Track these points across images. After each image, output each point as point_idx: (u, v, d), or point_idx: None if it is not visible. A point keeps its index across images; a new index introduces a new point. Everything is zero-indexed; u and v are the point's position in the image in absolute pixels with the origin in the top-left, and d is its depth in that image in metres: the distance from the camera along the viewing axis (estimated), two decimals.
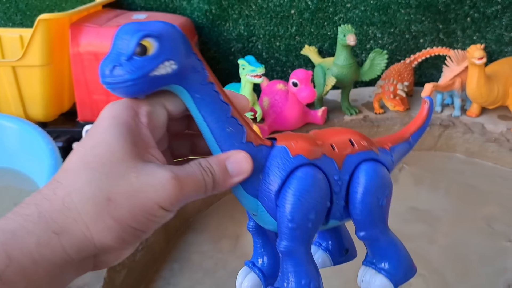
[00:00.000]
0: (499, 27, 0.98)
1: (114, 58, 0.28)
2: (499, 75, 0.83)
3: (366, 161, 0.33)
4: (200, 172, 0.28)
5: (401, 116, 0.92)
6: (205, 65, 0.30)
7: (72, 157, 0.27)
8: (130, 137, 0.27)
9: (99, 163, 0.26)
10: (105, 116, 0.28)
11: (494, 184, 0.86)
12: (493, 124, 0.88)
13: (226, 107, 0.30)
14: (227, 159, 0.29)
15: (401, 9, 0.98)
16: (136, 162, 0.26)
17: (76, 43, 0.87)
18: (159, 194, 0.26)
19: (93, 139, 0.27)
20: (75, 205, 0.25)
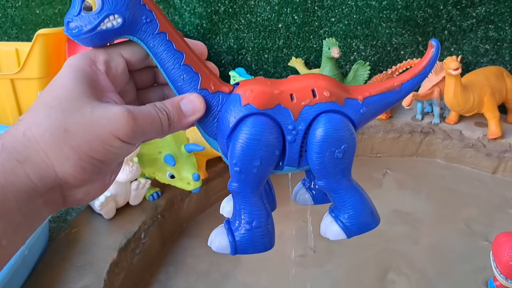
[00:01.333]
0: (475, 39, 1.04)
1: (69, 14, 0.31)
2: (475, 84, 0.88)
3: (325, 112, 0.32)
4: (154, 110, 0.30)
5: (383, 124, 0.96)
6: (157, 15, 0.31)
7: (35, 101, 0.29)
8: (86, 80, 0.29)
9: (55, 101, 0.27)
10: (65, 65, 0.30)
11: (472, 187, 0.91)
12: (470, 131, 0.93)
13: (179, 55, 0.31)
14: (181, 100, 0.31)
15: (383, 23, 1.03)
16: (92, 100, 0.28)
17: None
18: (113, 124, 0.28)
19: (52, 85, 0.29)
20: (34, 136, 0.27)
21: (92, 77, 0.29)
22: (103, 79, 0.30)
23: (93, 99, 0.28)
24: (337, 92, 0.33)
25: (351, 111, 0.34)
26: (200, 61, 0.33)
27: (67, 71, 0.29)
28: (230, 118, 0.32)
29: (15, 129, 0.27)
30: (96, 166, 0.28)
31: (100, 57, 0.30)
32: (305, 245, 0.78)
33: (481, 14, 1.01)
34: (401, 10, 1.02)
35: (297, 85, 0.33)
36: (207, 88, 0.32)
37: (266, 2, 1.04)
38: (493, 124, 0.89)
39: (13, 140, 0.27)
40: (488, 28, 1.02)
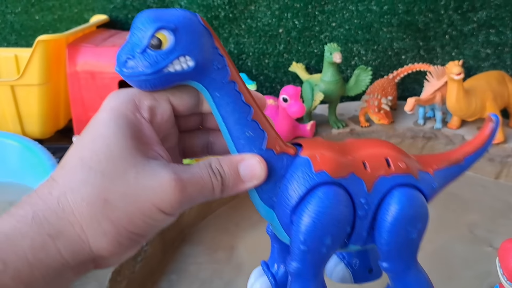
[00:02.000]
0: (476, 44, 1.04)
1: (129, 49, 0.26)
2: (477, 89, 0.88)
3: (401, 186, 0.29)
4: (207, 174, 0.26)
5: (385, 129, 0.96)
6: (228, 61, 0.27)
7: (69, 152, 0.26)
8: (129, 131, 0.25)
9: (95, 159, 0.24)
10: (104, 108, 0.26)
11: (475, 193, 0.90)
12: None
13: (247, 109, 0.28)
14: (241, 161, 0.27)
15: (383, 27, 1.03)
16: (136, 159, 0.25)
17: (73, 62, 0.90)
18: (158, 196, 0.24)
19: (90, 133, 0.26)
20: (70, 205, 0.24)
21: (136, 127, 0.26)
22: (148, 128, 0.26)
23: (138, 156, 0.25)
24: (411, 164, 0.30)
25: (425, 186, 0.31)
26: (265, 116, 0.29)
27: (108, 116, 0.26)
28: (299, 186, 0.28)
29: (48, 192, 0.24)
30: (134, 240, 0.25)
31: (145, 102, 0.27)
32: None
33: (482, 18, 1.01)
34: (402, 15, 1.01)
35: (368, 152, 0.30)
36: (272, 149, 0.28)
37: (266, 7, 1.04)
38: None
39: (46, 208, 0.24)
40: (489, 33, 1.02)
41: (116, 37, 0.98)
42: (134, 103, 0.27)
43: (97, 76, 0.91)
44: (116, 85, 0.90)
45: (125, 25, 1.10)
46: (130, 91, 0.27)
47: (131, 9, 1.09)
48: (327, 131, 0.96)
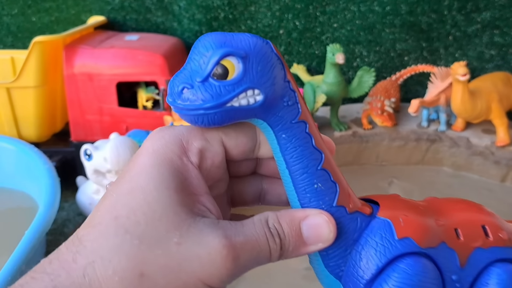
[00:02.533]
0: (480, 45, 1.02)
1: (186, 76, 0.22)
2: (482, 90, 0.86)
3: (502, 262, 0.24)
4: (264, 236, 0.22)
5: (389, 132, 0.94)
6: (299, 97, 0.23)
7: (101, 205, 0.22)
8: (174, 181, 0.22)
9: (132, 220, 0.20)
10: (146, 149, 0.23)
11: (481, 196, 0.89)
12: (478, 138, 0.91)
13: (317, 155, 0.23)
14: (304, 219, 0.23)
15: (386, 28, 1.02)
16: (180, 218, 0.21)
17: (71, 64, 0.88)
18: (206, 268, 0.20)
19: (128, 182, 0.22)
20: (98, 279, 0.20)
21: (182, 175, 0.22)
22: (195, 176, 0.23)
23: (182, 214, 0.21)
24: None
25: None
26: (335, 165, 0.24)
27: (149, 162, 0.22)
28: (377, 255, 0.23)
29: (72, 260, 0.20)
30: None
31: (195, 144, 0.23)
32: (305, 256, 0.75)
33: (486, 19, 1.00)
34: (405, 16, 1.00)
35: (459, 216, 0.25)
36: (344, 206, 0.24)
37: (267, 8, 1.02)
38: (502, 131, 0.87)
39: (69, 283, 0.20)
40: (494, 34, 1.01)
41: (114, 38, 0.97)
42: (181, 145, 0.23)
43: (95, 78, 0.89)
44: (114, 88, 0.89)
45: (123, 26, 1.08)
46: (177, 130, 0.24)
47: (129, 10, 1.07)
48: (329, 134, 0.94)
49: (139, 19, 1.08)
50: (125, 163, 0.70)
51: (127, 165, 0.23)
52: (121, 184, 0.22)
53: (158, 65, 0.88)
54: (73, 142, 0.93)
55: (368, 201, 0.25)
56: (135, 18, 1.08)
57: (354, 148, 0.96)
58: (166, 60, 0.88)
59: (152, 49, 0.90)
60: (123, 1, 1.06)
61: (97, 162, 0.70)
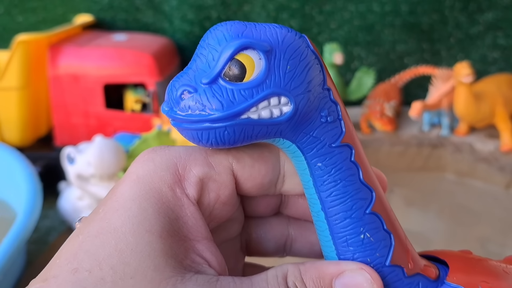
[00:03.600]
0: (482, 47, 0.99)
1: (189, 77, 0.16)
2: (486, 93, 0.83)
3: None
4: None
5: (389, 136, 0.90)
6: (343, 112, 0.18)
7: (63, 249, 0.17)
8: (160, 221, 0.16)
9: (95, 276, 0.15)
10: (129, 176, 0.17)
11: (485, 204, 0.85)
12: (482, 143, 0.87)
13: (367, 194, 0.18)
14: (338, 277, 0.17)
15: (385, 29, 0.98)
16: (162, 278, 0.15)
17: (55, 64, 0.84)
18: None
19: (99, 220, 0.16)
20: None
21: (173, 213, 0.17)
22: (192, 215, 0.17)
23: (167, 270, 0.16)
24: None
25: None
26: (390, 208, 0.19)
27: (130, 194, 0.17)
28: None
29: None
30: None
31: (194, 171, 0.17)
32: None
33: (489, 20, 0.96)
34: (405, 16, 0.96)
35: None
36: (401, 266, 0.18)
37: (261, 7, 0.98)
38: (506, 135, 0.84)
39: None
40: (497, 35, 0.98)
41: (102, 38, 0.93)
42: (176, 171, 0.17)
43: (81, 79, 0.85)
44: (101, 89, 0.84)
45: (112, 26, 1.05)
46: (173, 151, 0.18)
47: (118, 10, 1.04)
48: None
49: (128, 19, 1.04)
50: (110, 167, 0.66)
51: (107, 195, 0.18)
52: (91, 222, 0.17)
53: (147, 66, 0.84)
54: (58, 146, 0.89)
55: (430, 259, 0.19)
56: (125, 18, 1.04)
57: None
58: (156, 60, 0.84)
59: (141, 49, 0.86)
60: (112, 1, 1.03)
61: (80, 166, 0.66)
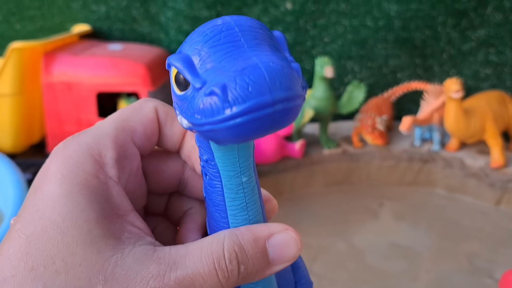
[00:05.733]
0: (475, 63, 1.00)
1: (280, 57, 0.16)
2: (476, 109, 0.83)
3: None
4: (213, 266, 0.18)
5: (380, 150, 0.90)
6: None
7: (9, 250, 0.18)
8: (94, 209, 0.18)
9: (50, 270, 0.17)
10: (53, 175, 0.19)
11: (475, 220, 0.85)
12: (472, 159, 0.87)
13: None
14: (270, 238, 0.20)
15: (378, 44, 0.99)
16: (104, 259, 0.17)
17: (49, 72, 0.85)
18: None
19: (39, 219, 0.18)
20: None
21: (102, 198, 0.19)
22: (117, 194, 0.19)
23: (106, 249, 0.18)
24: None
25: None
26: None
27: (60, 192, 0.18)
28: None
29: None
30: None
31: (109, 155, 0.20)
32: None
33: (481, 37, 0.97)
34: (398, 31, 0.97)
35: None
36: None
37: None
38: (496, 151, 0.84)
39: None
40: (489, 52, 0.98)
41: (96, 47, 0.93)
42: (94, 160, 0.20)
43: (74, 87, 0.85)
44: (94, 98, 0.85)
45: (109, 36, 1.05)
46: (83, 143, 0.20)
47: (115, 20, 1.04)
48: (318, 152, 0.90)
49: (125, 29, 1.05)
50: None
51: (30, 195, 0.19)
52: (31, 222, 0.18)
53: (140, 75, 0.84)
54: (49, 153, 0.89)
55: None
56: (121, 28, 1.05)
57: (344, 167, 0.92)
58: (149, 70, 0.85)
59: (134, 58, 0.87)
60: (109, 11, 1.04)
61: None
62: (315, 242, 0.79)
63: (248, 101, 0.15)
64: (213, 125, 0.16)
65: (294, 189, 0.91)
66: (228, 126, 0.15)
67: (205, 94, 0.16)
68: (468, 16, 0.95)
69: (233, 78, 0.15)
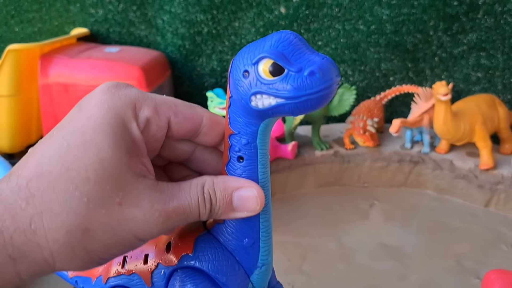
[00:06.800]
0: (466, 67, 1.01)
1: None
2: (466, 112, 0.84)
3: None
4: (197, 201, 0.24)
5: (371, 152, 0.92)
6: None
7: (50, 150, 0.22)
8: (125, 142, 0.23)
9: (82, 176, 0.21)
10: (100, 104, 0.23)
11: (464, 221, 0.86)
12: (462, 161, 0.88)
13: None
14: (237, 190, 0.25)
15: (371, 47, 1.00)
16: (124, 181, 0.22)
17: (46, 74, 0.87)
18: (140, 227, 0.22)
19: (81, 133, 0.22)
20: (44, 229, 0.21)
21: (130, 137, 0.23)
22: (140, 139, 0.24)
23: (127, 175, 0.22)
24: None
25: None
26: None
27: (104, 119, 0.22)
28: None
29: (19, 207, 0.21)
30: (103, 263, 0.24)
31: (145, 112, 0.24)
32: (283, 280, 0.72)
33: (472, 41, 0.98)
34: (390, 35, 0.98)
35: None
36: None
37: (251, 24, 1.01)
38: (485, 154, 0.85)
39: (14, 228, 0.20)
40: (480, 56, 0.99)
41: (93, 50, 0.95)
42: (134, 109, 0.24)
43: (70, 89, 0.87)
44: None
45: (106, 39, 1.07)
46: (133, 92, 0.24)
47: (113, 23, 1.06)
48: (310, 153, 0.92)
49: (122, 32, 1.06)
50: None
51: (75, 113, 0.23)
52: (74, 133, 0.22)
53: (135, 78, 0.86)
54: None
55: None
56: (119, 31, 1.07)
57: (336, 168, 0.93)
58: (144, 72, 0.86)
59: (130, 61, 0.88)
60: (106, 14, 1.05)
61: None
62: (305, 242, 0.80)
63: (329, 80, 0.23)
64: (311, 95, 0.22)
65: (286, 190, 0.93)
66: (322, 94, 0.23)
67: (309, 74, 0.22)
68: (460, 20, 0.97)
69: (318, 67, 0.22)
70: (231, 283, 0.26)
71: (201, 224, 0.28)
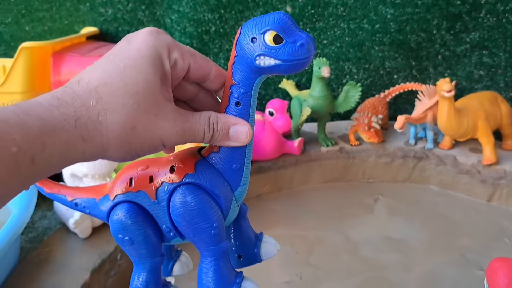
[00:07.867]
0: (469, 65, 1.03)
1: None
2: (469, 108, 0.86)
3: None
4: (203, 127, 0.32)
5: (376, 148, 0.93)
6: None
7: (109, 67, 0.29)
8: (161, 72, 0.30)
9: (134, 89, 0.29)
10: (146, 42, 0.30)
11: (467, 215, 0.87)
12: (465, 157, 0.90)
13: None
14: (234, 125, 0.33)
15: (375, 46, 1.02)
16: (159, 99, 0.30)
17: (58, 71, 0.88)
18: (165, 134, 0.30)
19: (132, 59, 0.29)
20: (107, 121, 0.28)
21: (163, 70, 0.31)
22: (169, 74, 0.31)
23: (161, 96, 0.30)
24: None
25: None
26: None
27: (149, 53, 0.30)
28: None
29: (91, 103, 0.28)
30: (134, 157, 0.31)
31: (174, 55, 0.31)
32: (291, 271, 0.74)
33: (475, 39, 1.00)
34: (394, 34, 1.00)
35: None
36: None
37: None
38: (488, 149, 0.87)
39: (87, 117, 0.28)
40: (482, 54, 1.01)
41: (104, 48, 0.97)
42: (168, 50, 0.31)
43: None
44: None
45: (115, 38, 1.09)
46: (168, 38, 0.31)
47: (122, 22, 1.08)
48: (316, 149, 0.93)
49: (131, 31, 1.08)
50: (101, 168, 0.70)
51: (125, 43, 0.30)
52: (127, 59, 0.29)
53: None
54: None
55: None
56: (128, 29, 1.09)
57: (341, 164, 0.95)
58: None
59: None
60: (115, 13, 1.07)
61: (73, 166, 0.70)
62: (312, 235, 0.82)
63: (312, 51, 0.31)
64: (299, 60, 0.30)
65: (292, 185, 0.94)
66: (305, 61, 0.30)
67: (300, 45, 0.30)
68: (463, 19, 0.99)
69: (306, 41, 0.30)
70: (222, 195, 0.34)
71: (197, 153, 0.35)
